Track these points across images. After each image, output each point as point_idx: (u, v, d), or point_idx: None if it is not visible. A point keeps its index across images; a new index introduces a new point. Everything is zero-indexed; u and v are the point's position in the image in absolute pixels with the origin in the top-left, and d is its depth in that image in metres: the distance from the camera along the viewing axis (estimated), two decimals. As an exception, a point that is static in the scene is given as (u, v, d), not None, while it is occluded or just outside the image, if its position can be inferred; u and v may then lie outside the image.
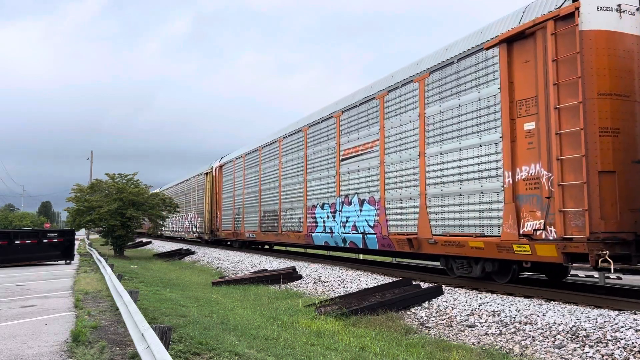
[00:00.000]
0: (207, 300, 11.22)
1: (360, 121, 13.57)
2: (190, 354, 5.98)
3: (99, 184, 27.38)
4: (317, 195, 15.75)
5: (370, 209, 12.82)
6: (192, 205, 33.87)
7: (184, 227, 35.73)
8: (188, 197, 35.57)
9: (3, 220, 62.06)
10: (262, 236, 20.62)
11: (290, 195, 17.74)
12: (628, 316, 6.89)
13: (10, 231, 22.42)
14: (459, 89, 10.08)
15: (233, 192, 24.74)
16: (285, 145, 18.56)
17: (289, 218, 17.74)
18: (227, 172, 26.33)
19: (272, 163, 19.73)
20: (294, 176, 17.56)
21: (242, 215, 22.98)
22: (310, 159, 16.32)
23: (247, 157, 23.03)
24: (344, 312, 9.10)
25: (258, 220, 20.85)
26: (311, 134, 16.44)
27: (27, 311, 9.16)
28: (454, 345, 7.01)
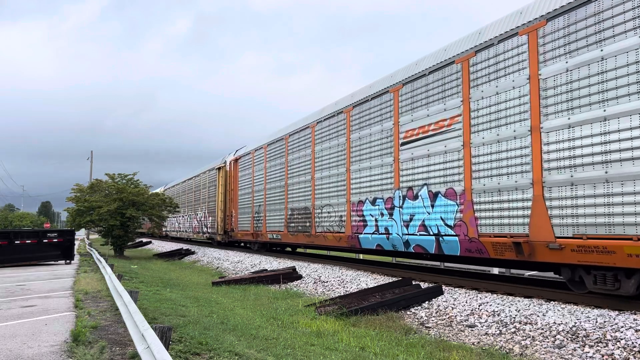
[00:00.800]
0: (207, 300, 11.22)
1: (432, 93, 10.94)
2: (190, 354, 5.98)
3: (98, 184, 27.39)
4: (365, 188, 13.17)
5: (447, 204, 10.29)
6: (202, 203, 31.22)
7: (193, 227, 33.17)
8: (197, 195, 32.86)
9: (3, 220, 62.08)
10: (289, 237, 17.88)
11: (328, 190, 15.15)
12: (628, 316, 6.89)
13: (10, 231, 22.41)
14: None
15: (252, 187, 21.91)
16: (321, 132, 15.84)
17: (326, 216, 15.17)
18: (244, 165, 23.35)
19: (303, 153, 16.97)
20: (332, 167, 14.92)
21: (264, 213, 20.28)
22: (356, 145, 13.72)
23: (269, 148, 20.15)
24: (344, 312, 9.10)
25: (284, 219, 18.22)
26: (356, 115, 13.84)
27: (27, 311, 9.16)
28: (454, 345, 7.01)
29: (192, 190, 34.57)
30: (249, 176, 22.59)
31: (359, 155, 13.65)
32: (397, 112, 12.15)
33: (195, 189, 33.34)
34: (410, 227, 11.41)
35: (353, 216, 13.73)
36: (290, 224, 17.80)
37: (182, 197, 37.23)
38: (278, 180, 19.06)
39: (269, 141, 20.26)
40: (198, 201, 32.30)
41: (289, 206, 17.93)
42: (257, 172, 21.52)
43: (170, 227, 40.66)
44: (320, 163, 15.79)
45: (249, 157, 22.71)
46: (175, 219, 38.83)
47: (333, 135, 15.14)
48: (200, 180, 31.96)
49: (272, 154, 19.90)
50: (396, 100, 12.23)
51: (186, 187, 36.64)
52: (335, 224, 14.69)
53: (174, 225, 39.59)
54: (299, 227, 17.05)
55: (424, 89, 11.30)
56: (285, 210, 18.16)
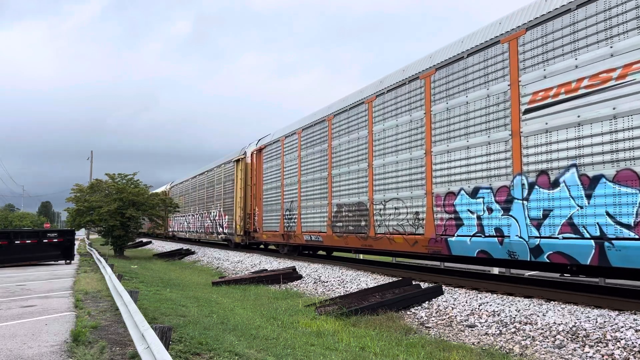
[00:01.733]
0: (207, 300, 11.23)
1: (585, 34, 7.88)
2: (190, 354, 5.98)
3: (98, 184, 27.40)
4: (457, 175, 10.20)
5: (620, 193, 7.29)
6: (216, 201, 28.01)
7: (205, 228, 29.81)
8: (210, 191, 29.51)
9: (3, 220, 62.08)
10: (334, 240, 14.90)
11: (394, 180, 12.19)
12: (628, 316, 6.89)
13: (10, 231, 22.40)
14: None
15: (281, 181, 18.85)
16: (381, 107, 12.82)
17: (392, 213, 12.19)
18: (270, 156, 20.24)
19: (354, 136, 13.96)
20: (402, 151, 11.93)
21: (298, 211, 17.26)
22: (441, 120, 10.72)
23: (305, 134, 17.07)
24: (344, 312, 9.10)
25: (327, 217, 15.28)
26: (441, 80, 10.80)
27: (27, 311, 9.16)
28: (454, 345, 7.01)
29: (203, 187, 31.30)
30: (277, 168, 19.44)
31: (446, 133, 10.56)
32: (518, 68, 8.98)
33: (208, 185, 30.05)
34: (545, 227, 8.36)
35: (437, 213, 10.68)
36: (336, 224, 14.79)
37: (192, 194, 34.27)
38: (318, 171, 16.02)
39: (305, 125, 17.07)
40: (211, 198, 29.05)
41: (334, 202, 14.93)
42: (288, 163, 18.38)
43: (178, 227, 38.19)
44: (381, 147, 12.71)
45: (277, 145, 19.55)
46: (184, 218, 36.16)
47: (403, 110, 11.98)
48: (214, 175, 28.66)
49: (308, 139, 16.75)
50: (514, 52, 9.06)
51: (197, 184, 33.21)
52: (406, 223, 11.64)
53: (182, 225, 36.73)
54: (349, 227, 13.98)
55: (567, 30, 8.17)
56: (329, 207, 15.15)
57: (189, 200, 34.41)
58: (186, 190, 36.37)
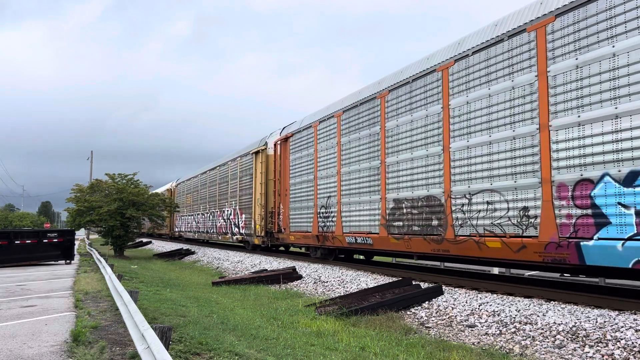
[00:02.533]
0: (207, 300, 11.23)
1: None
2: (190, 354, 5.98)
3: (98, 184, 27.42)
4: (598, 156, 7.66)
5: None
6: (230, 198, 25.55)
7: (217, 228, 27.43)
8: (223, 188, 27.12)
9: (3, 220, 62.10)
10: (390, 243, 12.33)
11: (484, 165, 9.59)
12: (628, 316, 6.89)
13: (10, 231, 22.42)
14: None
15: (314, 173, 16.38)
16: (464, 74, 10.22)
17: (481, 209, 9.63)
18: (299, 145, 17.66)
19: (420, 114, 11.37)
20: (496, 128, 9.39)
21: (337, 208, 14.75)
22: (565, 82, 8.16)
23: (346, 116, 14.54)
24: (344, 312, 9.10)
25: (379, 215, 12.75)
26: (566, 30, 8.22)
27: (27, 311, 9.16)
28: (454, 345, 7.01)
29: (215, 183, 28.77)
30: (308, 158, 16.93)
31: (576, 99, 7.94)
32: None
33: (221, 181, 27.52)
34: None
35: (562, 208, 8.15)
36: (392, 223, 12.21)
37: (201, 191, 31.89)
38: (366, 160, 13.47)
39: (347, 106, 14.62)
40: (225, 195, 26.64)
41: (389, 196, 12.39)
42: (323, 152, 15.87)
43: (186, 227, 35.73)
44: (463, 125, 10.14)
45: (308, 133, 17.03)
46: (192, 218, 33.77)
47: (496, 75, 9.49)
48: (229, 169, 26.16)
49: (352, 123, 14.26)
50: None
51: (207, 180, 30.68)
52: (507, 222, 9.08)
53: (190, 225, 34.22)
54: (414, 226, 11.45)
55: None
56: (382, 203, 12.61)
57: (198, 198, 32.48)
58: (194, 188, 34.02)
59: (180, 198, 38.19)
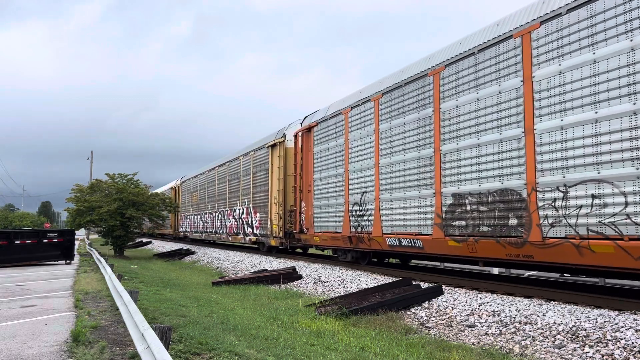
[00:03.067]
0: (207, 300, 11.23)
1: None
2: (190, 354, 5.98)
3: (98, 184, 27.44)
4: None
5: None
6: (242, 196, 23.78)
7: (228, 228, 25.50)
8: (234, 185, 25.29)
9: (3, 220, 62.10)
10: (447, 246, 10.42)
11: (588, 150, 7.77)
12: (628, 316, 6.89)
13: (10, 231, 22.43)
14: None
15: (344, 166, 14.43)
16: (556, 37, 8.29)
17: (583, 204, 7.82)
18: (325, 135, 15.77)
19: (490, 90, 9.49)
20: (604, 102, 7.53)
21: (376, 205, 12.79)
22: None
23: (386, 99, 12.54)
24: (344, 312, 9.10)
25: (433, 212, 10.80)
26: None
27: (27, 311, 9.16)
28: (454, 345, 7.01)
29: (224, 180, 26.92)
30: (337, 150, 15.02)
31: None
32: None
33: (232, 178, 25.74)
34: None
35: None
36: (451, 222, 10.30)
37: (209, 189, 30.15)
38: (413, 149, 11.49)
39: (387, 87, 12.61)
40: (236, 193, 24.82)
41: (446, 190, 10.43)
42: (357, 142, 13.92)
43: (191, 227, 33.68)
44: (556, 101, 8.22)
45: (336, 121, 15.12)
46: (199, 217, 31.78)
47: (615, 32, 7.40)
48: (240, 165, 24.38)
49: (394, 106, 12.25)
50: None
51: (215, 177, 28.80)
52: (623, 219, 7.24)
53: (197, 225, 32.15)
54: (482, 226, 9.56)
55: None
56: (437, 198, 10.72)
57: (206, 197, 30.51)
58: (201, 185, 32.05)
59: (185, 197, 36.80)
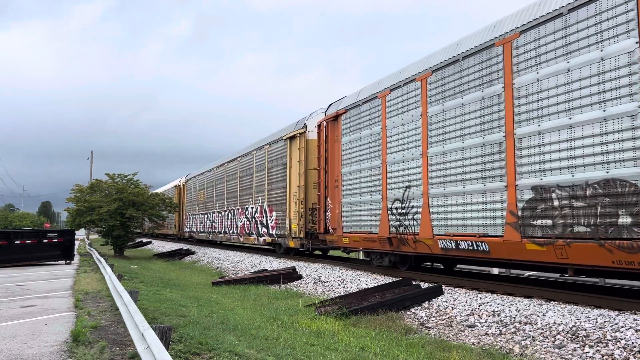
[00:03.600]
0: (207, 300, 11.23)
1: None
2: (190, 354, 5.98)
3: (98, 184, 27.45)
4: None
5: None
6: (256, 193, 22.01)
7: (238, 228, 23.84)
8: (246, 181, 23.48)
9: (3, 220, 62.08)
10: (526, 250, 8.73)
11: None
12: (628, 316, 6.89)
13: (10, 231, 22.43)
14: None
15: (381, 157, 12.71)
16: None
17: None
18: (356, 123, 14.00)
19: (586, 57, 7.86)
20: None
21: (424, 201, 11.16)
22: None
23: (437, 77, 10.99)
24: (344, 312, 9.10)
25: (504, 208, 9.18)
26: None
27: (27, 311, 9.16)
28: (454, 345, 7.01)
29: (235, 177, 25.16)
30: (371, 139, 13.24)
31: None
32: None
33: (243, 174, 23.99)
34: None
35: None
36: (531, 220, 8.64)
37: (217, 187, 28.46)
38: (473, 134, 9.98)
39: (437, 64, 11.05)
40: (248, 190, 23.07)
41: (523, 182, 8.83)
42: (397, 129, 12.18)
43: (197, 227, 31.79)
44: None
45: (372, 106, 13.30)
46: (206, 216, 29.88)
47: None
48: (253, 160, 22.60)
49: (447, 85, 10.65)
50: None
51: (224, 174, 27.05)
52: None
53: (204, 225, 30.24)
54: (577, 226, 7.92)
55: None
56: (510, 192, 9.05)
57: (214, 195, 28.84)
58: (209, 183, 30.20)
59: (191, 195, 35.14)
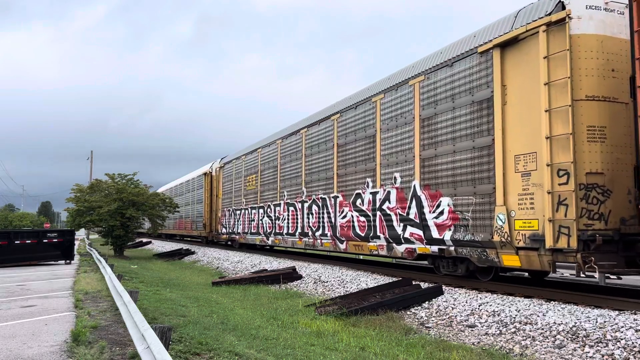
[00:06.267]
0: (207, 300, 11.22)
1: None
2: (190, 354, 5.98)
3: (98, 184, 27.43)
4: None
5: None
6: (390, 165, 12.36)
7: (340, 228, 14.64)
8: (355, 149, 14.19)
9: (3, 220, 62.08)
10: None
11: None
12: (628, 316, 6.89)
13: (10, 231, 22.42)
14: None
15: None
16: None
17: None
18: None
19: None
20: None
21: None
22: None
23: None
24: (344, 312, 9.10)
25: None
26: None
27: (27, 311, 9.15)
28: (454, 345, 7.01)
29: (328, 147, 15.59)
30: None
31: None
32: None
33: (350, 140, 14.35)
34: None
35: None
36: None
37: (288, 166, 18.68)
38: None
39: None
40: (366, 162, 13.47)
41: None
42: None
43: (246, 227, 22.72)
44: None
45: None
46: (262, 212, 20.87)
47: None
48: (376, 110, 13.14)
49: None
50: None
51: (301, 145, 17.58)
52: None
53: (257, 223, 21.24)
54: None
55: None
56: None
57: (278, 178, 19.43)
58: (269, 162, 20.63)
59: (232, 184, 25.73)
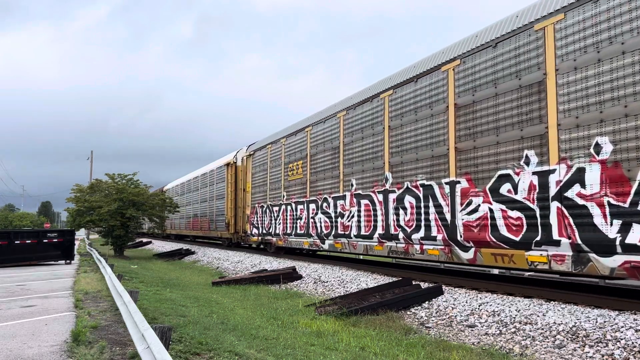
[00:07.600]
0: (207, 300, 11.23)
1: None
2: (190, 354, 5.98)
3: (98, 184, 27.43)
4: None
5: None
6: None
7: (470, 228, 9.54)
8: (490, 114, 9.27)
9: (3, 220, 62.12)
10: None
11: None
12: (628, 316, 6.89)
13: (10, 231, 22.41)
14: None
15: None
16: None
17: None
18: None
19: None
20: None
21: None
22: None
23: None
24: (344, 312, 9.10)
25: None
26: None
27: (27, 311, 9.15)
28: (454, 345, 7.01)
29: (434, 113, 10.74)
30: None
31: None
32: None
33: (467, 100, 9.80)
34: None
35: None
36: None
37: (350, 147, 14.26)
38: None
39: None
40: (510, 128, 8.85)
41: None
42: None
43: (287, 227, 18.23)
44: None
45: None
46: (311, 207, 16.40)
47: None
48: None
49: None
50: None
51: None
52: None
53: (304, 222, 16.78)
54: None
55: None
56: None
57: (340, 163, 14.75)
58: (320, 144, 16.12)
59: (265, 175, 20.93)
